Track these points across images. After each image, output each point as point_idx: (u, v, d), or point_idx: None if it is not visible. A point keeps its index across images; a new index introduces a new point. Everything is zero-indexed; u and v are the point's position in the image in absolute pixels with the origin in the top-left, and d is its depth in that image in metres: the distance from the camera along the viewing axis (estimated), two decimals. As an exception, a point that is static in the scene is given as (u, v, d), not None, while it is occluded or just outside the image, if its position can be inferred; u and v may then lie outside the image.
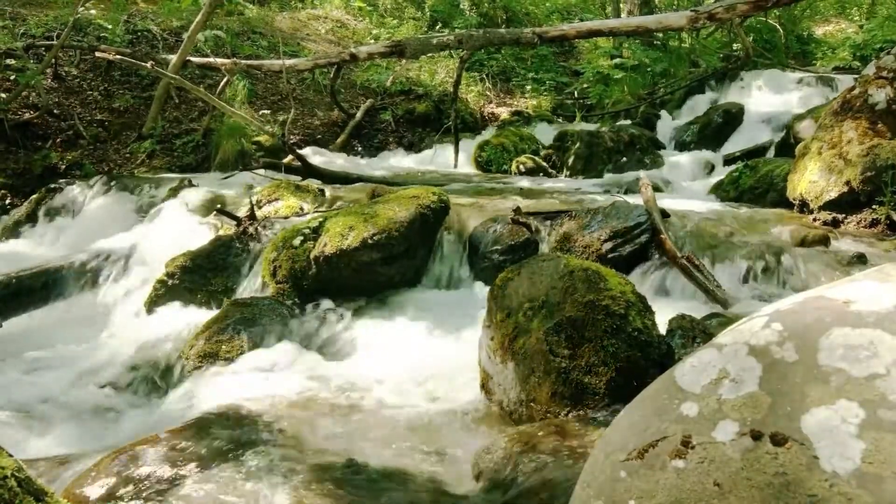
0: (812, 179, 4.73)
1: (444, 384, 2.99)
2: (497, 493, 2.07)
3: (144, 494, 2.03)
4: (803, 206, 4.88)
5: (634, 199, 4.56)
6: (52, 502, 1.36)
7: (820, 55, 12.32)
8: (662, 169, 7.24)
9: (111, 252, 4.79)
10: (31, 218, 5.82)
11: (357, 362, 3.34)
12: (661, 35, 10.39)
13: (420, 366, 3.17)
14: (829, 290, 1.29)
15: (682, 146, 8.23)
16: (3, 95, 7.09)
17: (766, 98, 9.04)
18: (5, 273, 4.50)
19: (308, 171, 6.05)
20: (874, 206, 4.45)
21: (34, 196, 6.00)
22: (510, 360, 2.64)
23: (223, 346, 3.37)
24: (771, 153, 7.14)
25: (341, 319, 3.80)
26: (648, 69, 10.18)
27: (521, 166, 7.58)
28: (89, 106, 7.84)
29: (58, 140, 7.31)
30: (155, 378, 3.39)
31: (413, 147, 9.14)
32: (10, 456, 1.35)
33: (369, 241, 3.93)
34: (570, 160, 7.63)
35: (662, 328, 2.85)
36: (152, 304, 4.18)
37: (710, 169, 7.18)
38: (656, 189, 5.12)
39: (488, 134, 8.81)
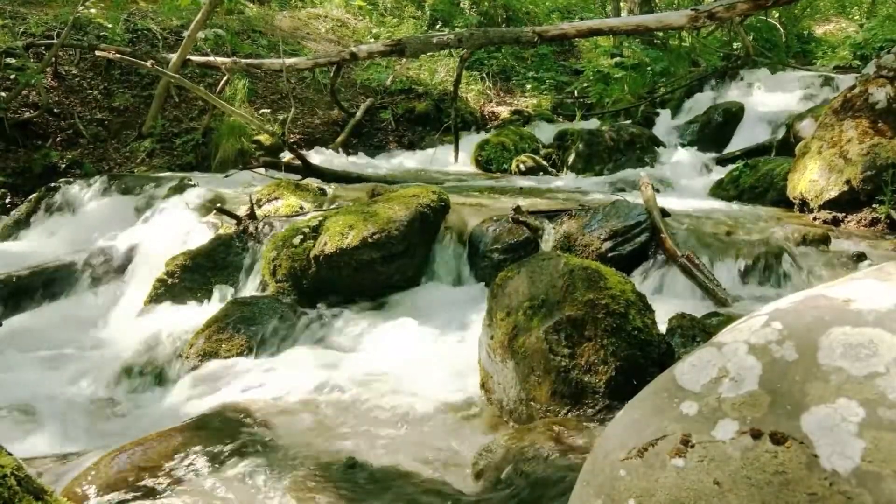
0: (812, 178, 4.73)
1: (443, 383, 2.99)
2: (497, 492, 2.06)
3: (144, 494, 2.03)
4: (803, 206, 4.88)
5: (635, 198, 4.55)
6: (51, 501, 1.36)
7: (820, 54, 12.31)
8: (663, 168, 7.24)
9: (111, 251, 4.78)
10: (31, 217, 5.81)
11: (356, 361, 3.34)
12: (661, 34, 10.38)
13: (419, 364, 3.17)
14: (829, 288, 1.29)
15: (682, 145, 8.22)
16: (3, 94, 7.07)
17: (767, 97, 9.03)
18: (5, 272, 4.50)
19: (308, 169, 6.05)
20: (874, 205, 4.46)
21: (34, 195, 5.98)
22: (510, 358, 2.64)
23: (223, 345, 3.37)
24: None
25: (341, 318, 3.81)
26: (649, 68, 10.17)
27: (522, 165, 7.57)
28: (89, 105, 7.83)
29: (58, 139, 7.30)
30: (155, 377, 3.39)
31: (413, 146, 9.13)
32: (10, 455, 1.35)
33: (369, 240, 3.93)
34: (571, 159, 7.62)
35: (662, 327, 2.86)
36: (152, 302, 4.18)
37: (710, 168, 7.17)
38: (658, 187, 5.11)
39: (488, 133, 8.80)
